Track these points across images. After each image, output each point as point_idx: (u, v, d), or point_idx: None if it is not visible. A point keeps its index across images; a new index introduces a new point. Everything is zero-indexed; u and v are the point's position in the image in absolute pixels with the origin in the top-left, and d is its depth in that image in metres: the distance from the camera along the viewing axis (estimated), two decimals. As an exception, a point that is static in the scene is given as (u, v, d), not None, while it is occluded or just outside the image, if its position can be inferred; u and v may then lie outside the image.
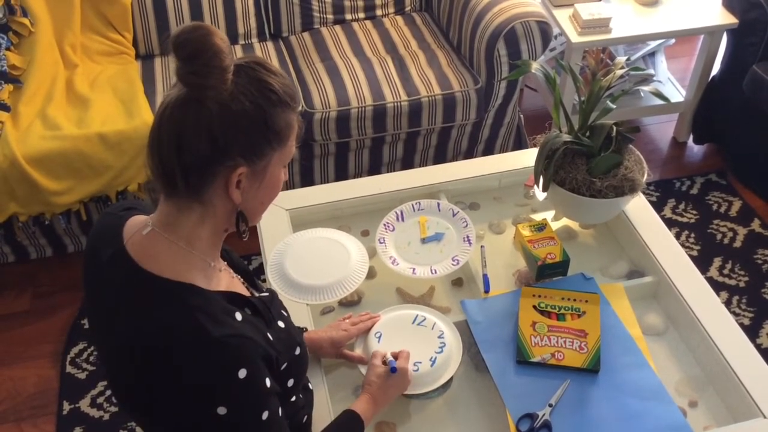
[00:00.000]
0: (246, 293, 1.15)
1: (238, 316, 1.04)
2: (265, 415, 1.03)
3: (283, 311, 1.24)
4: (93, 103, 2.36)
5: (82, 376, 2.25)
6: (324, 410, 1.36)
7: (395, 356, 1.39)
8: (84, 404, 2.18)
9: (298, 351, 1.19)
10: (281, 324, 1.17)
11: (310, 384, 1.35)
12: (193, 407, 0.99)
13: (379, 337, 1.47)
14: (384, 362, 1.37)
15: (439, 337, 1.48)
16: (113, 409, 2.16)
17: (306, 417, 1.29)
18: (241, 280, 1.18)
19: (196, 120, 0.97)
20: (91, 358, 2.29)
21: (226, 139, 0.98)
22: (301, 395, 1.26)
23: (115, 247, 1.07)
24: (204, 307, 1.01)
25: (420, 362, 1.43)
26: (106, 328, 1.07)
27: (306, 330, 1.47)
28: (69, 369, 2.27)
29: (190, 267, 1.04)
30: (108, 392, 2.20)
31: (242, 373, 0.98)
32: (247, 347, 1.01)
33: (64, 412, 2.16)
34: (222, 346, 0.98)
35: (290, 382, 1.16)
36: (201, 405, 0.99)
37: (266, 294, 1.22)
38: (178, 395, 0.99)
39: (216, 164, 1.00)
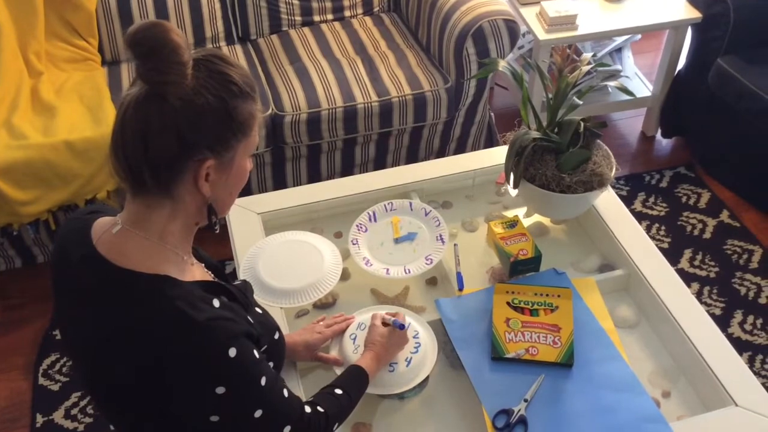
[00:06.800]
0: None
1: (216, 302, 1.05)
2: (263, 381, 1.06)
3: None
4: (59, 110, 2.33)
5: (56, 387, 2.22)
6: (300, 414, 1.35)
7: (392, 316, 1.46)
8: (58, 416, 2.15)
9: (277, 335, 1.22)
10: (258, 310, 1.21)
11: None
12: (190, 394, 1.00)
13: (354, 339, 1.47)
14: (384, 323, 1.43)
15: (414, 337, 1.48)
16: (88, 420, 2.13)
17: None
18: (212, 275, 1.18)
19: (160, 117, 0.97)
20: (64, 370, 2.26)
21: (192, 133, 0.99)
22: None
23: (85, 248, 1.06)
24: (183, 295, 1.01)
25: (396, 363, 1.43)
26: (83, 332, 1.06)
27: (281, 334, 1.47)
28: (42, 381, 2.23)
29: (163, 260, 1.05)
30: (82, 403, 2.17)
31: (232, 352, 1.00)
32: (231, 327, 1.02)
33: (38, 425, 2.13)
34: (207, 330, 0.99)
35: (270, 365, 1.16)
36: (198, 390, 1.00)
37: (239, 282, 1.24)
38: (173, 385, 1.00)
39: (184, 159, 1.00)
